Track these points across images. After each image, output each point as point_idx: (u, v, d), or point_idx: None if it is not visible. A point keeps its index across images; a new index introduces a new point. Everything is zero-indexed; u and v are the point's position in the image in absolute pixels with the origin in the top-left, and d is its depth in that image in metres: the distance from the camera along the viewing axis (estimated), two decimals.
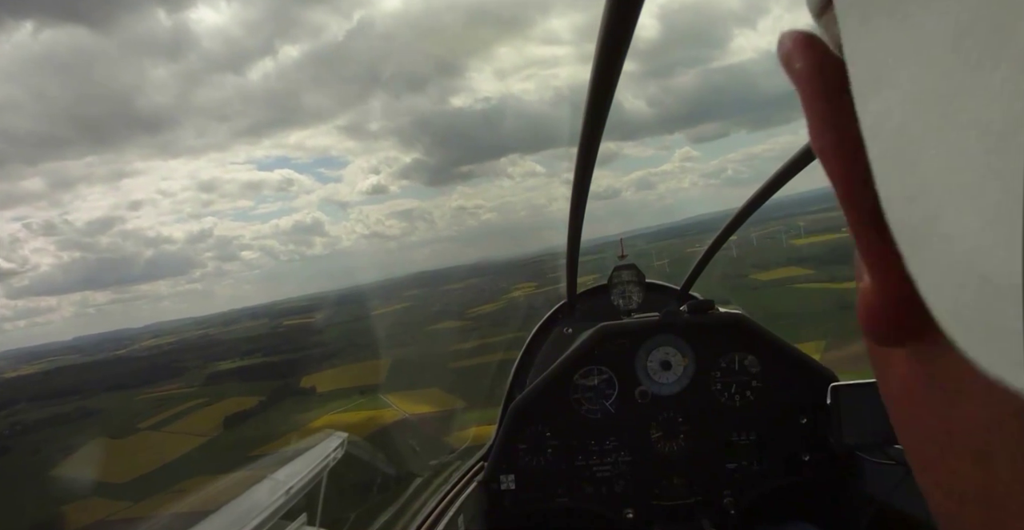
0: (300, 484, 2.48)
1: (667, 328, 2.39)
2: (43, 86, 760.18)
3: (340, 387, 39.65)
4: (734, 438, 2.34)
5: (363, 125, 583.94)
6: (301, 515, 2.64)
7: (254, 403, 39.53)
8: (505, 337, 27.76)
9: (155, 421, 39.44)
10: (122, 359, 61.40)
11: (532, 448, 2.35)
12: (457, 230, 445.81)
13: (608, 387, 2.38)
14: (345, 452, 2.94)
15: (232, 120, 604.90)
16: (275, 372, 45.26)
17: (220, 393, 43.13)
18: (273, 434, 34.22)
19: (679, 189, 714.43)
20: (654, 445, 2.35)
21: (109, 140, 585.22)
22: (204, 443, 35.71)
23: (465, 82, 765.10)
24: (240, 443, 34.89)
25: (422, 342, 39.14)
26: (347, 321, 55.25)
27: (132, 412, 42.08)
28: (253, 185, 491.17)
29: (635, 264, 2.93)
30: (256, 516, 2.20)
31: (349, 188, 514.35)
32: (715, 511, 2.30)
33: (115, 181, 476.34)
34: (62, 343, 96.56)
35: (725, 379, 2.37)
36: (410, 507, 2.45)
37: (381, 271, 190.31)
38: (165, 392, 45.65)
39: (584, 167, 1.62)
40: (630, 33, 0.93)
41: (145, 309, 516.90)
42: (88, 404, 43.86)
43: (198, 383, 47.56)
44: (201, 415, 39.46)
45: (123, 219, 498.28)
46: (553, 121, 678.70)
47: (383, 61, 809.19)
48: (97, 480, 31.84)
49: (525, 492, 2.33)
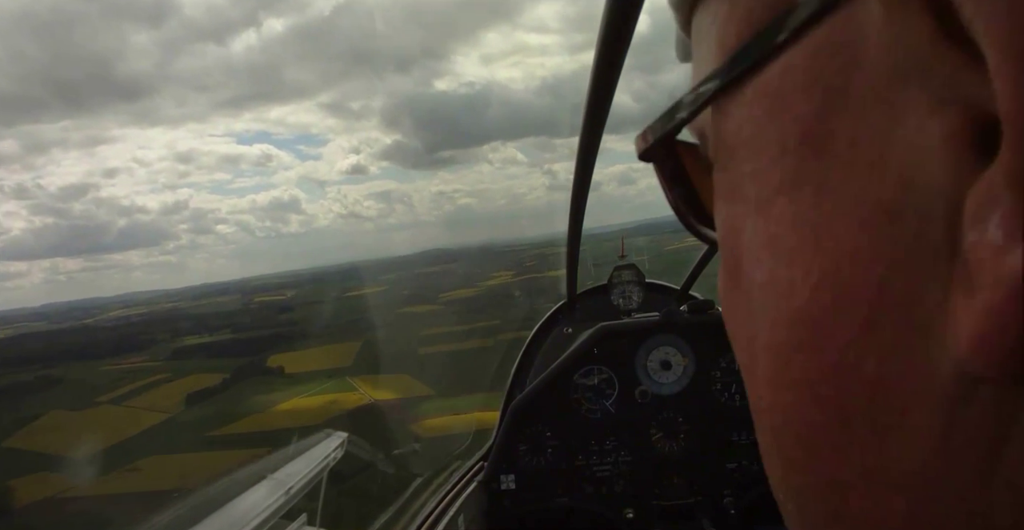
0: (300, 484, 2.48)
1: (667, 328, 2.38)
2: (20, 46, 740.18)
3: (308, 369, 38.95)
4: (734, 438, 2.34)
5: (345, 104, 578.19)
6: (301, 515, 2.66)
7: (218, 381, 38.83)
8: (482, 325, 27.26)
9: (115, 395, 38.57)
10: (89, 328, 60.25)
11: (532, 448, 2.35)
12: (436, 215, 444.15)
13: (608, 387, 2.38)
14: (345, 452, 2.94)
15: (212, 91, 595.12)
16: (243, 350, 44.50)
17: (185, 369, 42.31)
18: (235, 414, 33.63)
19: (659, 187, 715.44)
20: (654, 445, 2.35)
21: (86, 105, 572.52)
22: (164, 420, 34.95)
23: (450, 66, 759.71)
24: (200, 422, 34.24)
25: (393, 326, 38.59)
26: (320, 301, 54.65)
27: (93, 384, 41.16)
28: (231, 159, 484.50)
29: (635, 264, 2.95)
30: (256, 516, 2.20)
31: (328, 167, 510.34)
32: (715, 511, 2.31)
33: (91, 147, 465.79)
34: (30, 309, 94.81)
35: (725, 379, 2.37)
36: (410, 507, 2.45)
37: (357, 252, 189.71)
38: (129, 364, 44.73)
39: (584, 167, 1.61)
40: (633, 21, 0.91)
41: (117, 279, 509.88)
42: (49, 373, 42.82)
43: (163, 357, 46.72)
44: (163, 391, 38.66)
45: (97, 186, 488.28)
46: (537, 110, 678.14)
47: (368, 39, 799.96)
48: (50, 454, 30.96)
49: (525, 492, 2.33)
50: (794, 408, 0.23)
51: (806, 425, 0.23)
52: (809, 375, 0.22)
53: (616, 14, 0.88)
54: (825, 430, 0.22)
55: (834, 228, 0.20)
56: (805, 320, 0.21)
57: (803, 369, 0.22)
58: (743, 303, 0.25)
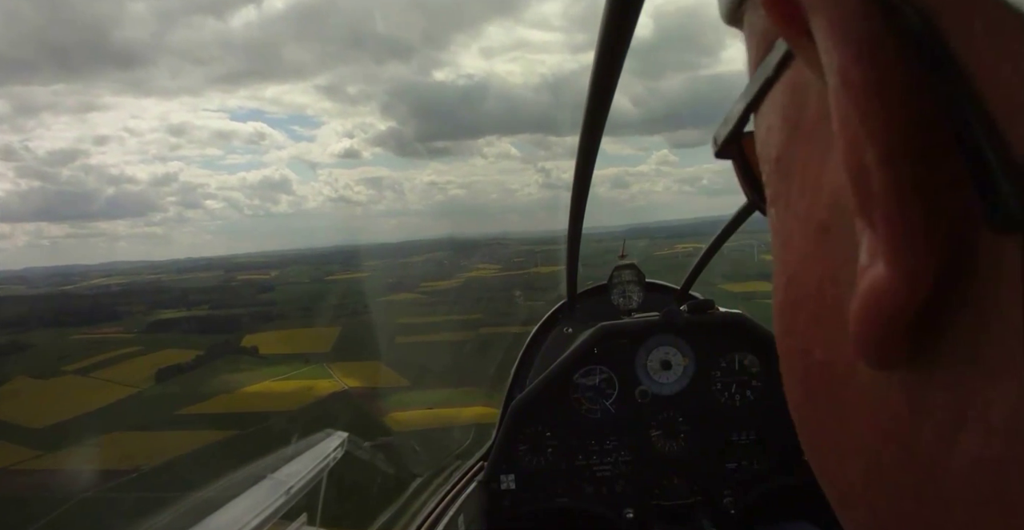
0: (300, 484, 2.50)
1: (667, 328, 2.39)
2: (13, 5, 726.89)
3: (283, 352, 38.15)
4: (734, 438, 2.35)
5: (342, 87, 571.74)
6: (301, 515, 2.66)
7: (191, 357, 37.97)
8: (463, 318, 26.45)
9: (84, 365, 37.69)
10: (67, 295, 59.08)
11: (532, 448, 2.35)
12: (426, 204, 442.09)
13: (608, 387, 2.39)
14: (345, 452, 2.95)
15: (208, 65, 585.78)
16: (219, 327, 43.77)
17: (158, 343, 41.53)
18: (203, 394, 32.86)
19: (651, 192, 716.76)
20: (654, 445, 2.36)
21: (79, 70, 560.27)
22: (130, 395, 34.04)
23: (450, 56, 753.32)
24: (167, 399, 33.42)
25: (372, 313, 38.00)
26: (302, 283, 53.79)
27: (63, 352, 40.21)
28: (224, 134, 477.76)
29: (635, 264, 2.94)
30: (256, 516, 2.21)
31: (321, 149, 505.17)
32: (715, 511, 2.31)
33: (82, 113, 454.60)
34: (10, 272, 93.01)
35: (725, 379, 2.39)
36: (410, 507, 2.45)
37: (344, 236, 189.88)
38: (102, 335, 43.78)
39: (584, 167, 1.64)
40: (633, 21, 0.93)
41: (101, 247, 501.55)
42: (19, 338, 41.59)
43: (138, 329, 45.79)
44: (134, 364, 37.82)
45: (87, 153, 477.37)
46: (535, 107, 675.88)
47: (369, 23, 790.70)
48: (8, 422, 30.07)
49: (525, 492, 2.33)
50: (786, 382, 0.28)
51: (792, 399, 0.28)
52: (787, 356, 0.27)
53: (616, 14, 0.89)
54: (803, 405, 0.27)
55: (793, 238, 0.25)
56: (782, 311, 0.26)
57: (785, 351, 0.27)
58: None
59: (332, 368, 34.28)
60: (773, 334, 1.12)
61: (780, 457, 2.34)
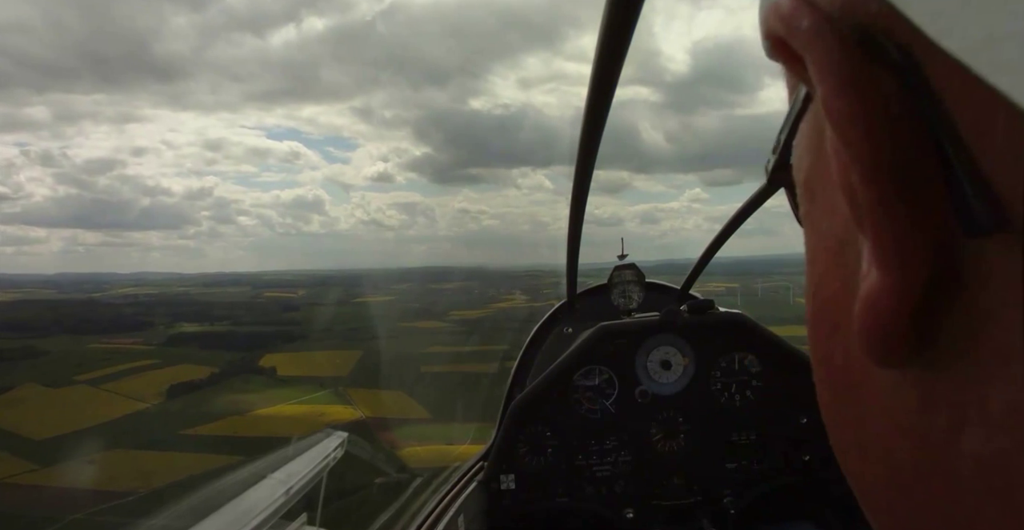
0: (300, 484, 2.50)
1: (667, 328, 2.36)
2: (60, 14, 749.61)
3: (302, 374, 36.46)
4: (734, 438, 2.32)
5: (378, 111, 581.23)
6: (301, 515, 2.64)
7: (206, 374, 36.66)
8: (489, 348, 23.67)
9: (97, 375, 36.75)
10: (94, 302, 58.76)
11: (532, 448, 2.30)
12: (456, 231, 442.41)
13: (608, 387, 2.34)
14: (345, 452, 2.93)
15: (247, 82, 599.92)
16: (239, 344, 42.94)
17: (175, 357, 40.74)
18: (213, 413, 31.22)
19: (682, 229, 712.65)
20: (654, 445, 2.33)
21: (120, 81, 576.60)
22: (138, 411, 32.55)
23: (487, 85, 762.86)
24: (175, 417, 31.85)
25: (397, 339, 35.94)
26: (327, 304, 52.46)
27: (78, 360, 39.37)
28: (260, 152, 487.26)
29: (635, 264, 2.88)
30: (256, 516, 2.20)
31: (355, 171, 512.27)
32: (715, 511, 2.28)
33: (121, 124, 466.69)
34: (43, 276, 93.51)
35: (725, 379, 2.35)
36: (410, 507, 2.42)
37: (375, 260, 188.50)
38: (121, 345, 43.01)
39: (584, 167, 1.65)
40: (630, 33, 0.96)
41: (135, 257, 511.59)
42: (36, 344, 40.56)
43: (157, 342, 44.97)
44: (147, 378, 36.91)
45: (124, 163, 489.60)
46: (570, 140, 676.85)
47: (407, 49, 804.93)
48: (6, 430, 28.54)
49: (525, 492, 2.30)
50: (817, 387, 0.30)
51: (822, 403, 0.30)
52: (816, 364, 0.29)
53: (615, 19, 0.91)
54: (829, 407, 0.29)
55: (817, 254, 0.27)
56: (810, 323, 0.29)
57: (814, 359, 0.29)
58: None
59: (350, 393, 32.34)
60: (773, 335, 1.44)
61: (780, 457, 2.32)
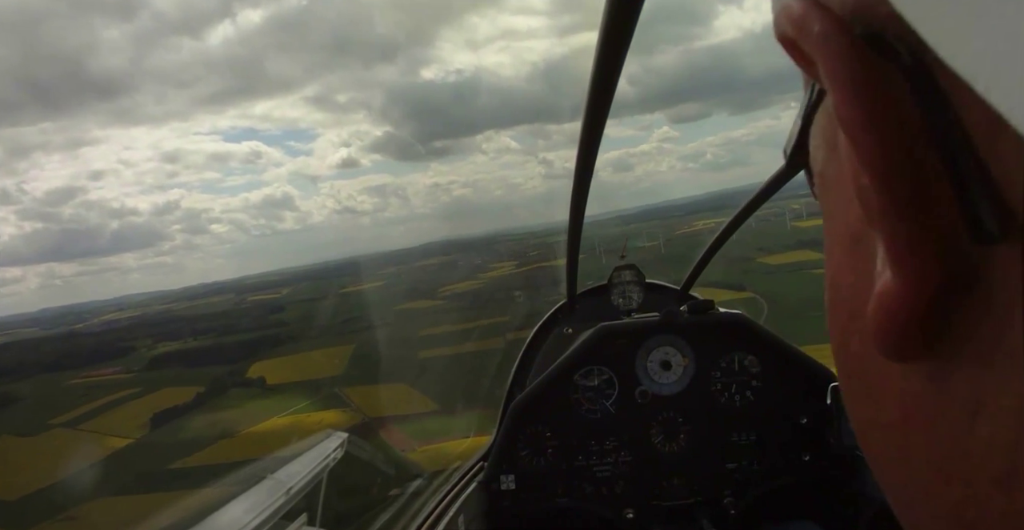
0: (300, 484, 2.51)
1: (667, 328, 2.41)
2: None
3: (293, 379, 33.84)
4: (734, 438, 2.37)
5: (331, 96, 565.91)
6: (301, 515, 2.65)
7: (190, 397, 34.39)
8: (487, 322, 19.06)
9: (75, 415, 34.62)
10: (75, 334, 55.83)
11: (532, 448, 2.35)
12: (432, 207, 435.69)
13: (608, 387, 2.38)
14: (345, 452, 2.93)
15: (193, 87, 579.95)
16: (224, 357, 40.89)
17: (157, 381, 39.09)
18: (200, 441, 28.41)
19: (656, 172, 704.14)
20: (654, 445, 2.37)
21: (64, 106, 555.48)
22: (119, 449, 29.81)
23: (436, 52, 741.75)
24: (161, 450, 29.39)
25: (392, 325, 32.82)
26: (313, 299, 49.45)
27: (54, 402, 37.16)
28: (220, 157, 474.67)
29: (635, 264, 2.93)
30: (256, 516, 2.21)
31: (319, 162, 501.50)
32: (715, 511, 2.33)
33: (73, 149, 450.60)
34: (27, 315, 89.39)
35: (725, 379, 2.39)
36: (410, 507, 2.44)
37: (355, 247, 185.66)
38: (100, 376, 40.52)
39: (583, 167, 1.65)
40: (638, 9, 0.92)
41: (115, 281, 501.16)
42: (12, 389, 37.46)
43: (138, 368, 42.98)
44: (127, 410, 35.21)
45: (85, 189, 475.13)
46: (529, 97, 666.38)
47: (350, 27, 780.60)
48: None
49: (525, 492, 2.34)
50: (838, 371, 0.31)
51: (842, 386, 0.32)
52: (835, 350, 0.30)
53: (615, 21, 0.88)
54: (847, 389, 0.31)
55: (833, 246, 0.28)
56: (829, 310, 0.30)
57: (833, 340, 0.30)
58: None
59: (346, 393, 29.47)
60: (773, 335, 1.44)
61: (780, 457, 2.37)
